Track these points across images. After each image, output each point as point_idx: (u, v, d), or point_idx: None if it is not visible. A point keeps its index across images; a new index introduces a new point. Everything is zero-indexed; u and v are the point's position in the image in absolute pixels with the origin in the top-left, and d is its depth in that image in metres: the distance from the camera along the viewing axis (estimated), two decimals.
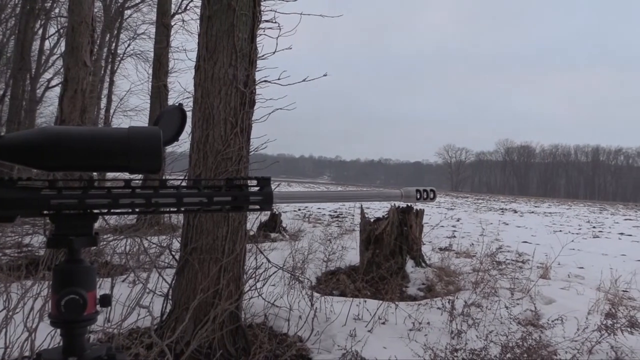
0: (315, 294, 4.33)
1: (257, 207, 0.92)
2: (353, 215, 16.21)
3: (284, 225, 10.20)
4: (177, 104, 0.99)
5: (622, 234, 17.21)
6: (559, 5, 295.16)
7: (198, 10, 3.60)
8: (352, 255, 6.65)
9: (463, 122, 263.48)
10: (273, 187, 0.97)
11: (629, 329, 3.62)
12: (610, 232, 17.78)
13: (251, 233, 7.64)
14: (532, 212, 29.57)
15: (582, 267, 8.47)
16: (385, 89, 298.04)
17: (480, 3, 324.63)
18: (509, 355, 3.03)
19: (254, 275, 3.74)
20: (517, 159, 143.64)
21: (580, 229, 18.44)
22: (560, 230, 16.76)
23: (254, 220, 4.77)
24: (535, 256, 7.87)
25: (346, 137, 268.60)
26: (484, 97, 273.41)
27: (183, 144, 3.76)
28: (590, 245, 12.70)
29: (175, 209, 0.89)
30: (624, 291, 5.99)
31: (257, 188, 0.93)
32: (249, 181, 0.94)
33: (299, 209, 18.51)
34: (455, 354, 3.11)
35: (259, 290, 3.76)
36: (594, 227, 19.42)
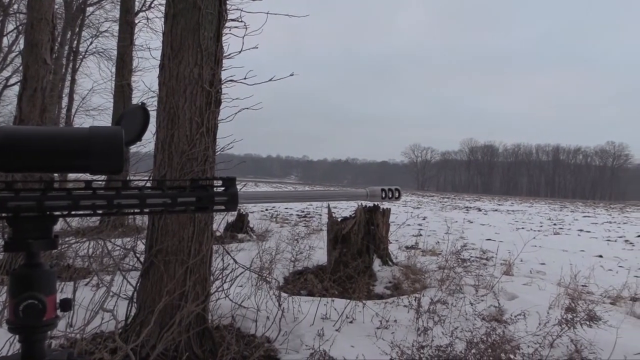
0: (283, 294, 4.32)
1: (222, 207, 0.92)
2: (320, 215, 16.25)
3: (251, 225, 10.14)
4: (139, 104, 0.97)
5: (581, 230, 17.74)
6: (527, 9, 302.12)
7: (162, 8, 3.56)
8: (319, 254, 6.67)
9: (430, 122, 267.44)
10: (239, 187, 0.96)
11: (587, 323, 3.73)
12: (570, 229, 18.30)
13: (218, 234, 7.58)
14: (496, 210, 30.21)
15: (543, 263, 8.70)
16: (356, 88, 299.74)
17: (453, 4, 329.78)
18: (473, 350, 3.08)
19: (220, 277, 3.71)
20: (481, 158, 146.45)
21: (541, 226, 18.92)
22: (523, 228, 17.16)
23: (221, 220, 4.74)
24: (499, 253, 8.04)
25: (314, 137, 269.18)
26: (451, 97, 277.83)
27: (148, 144, 3.70)
28: (551, 241, 13.05)
29: (139, 211, 0.87)
30: (583, 286, 6.17)
31: (222, 188, 0.92)
32: (214, 181, 0.93)
33: (266, 209, 18.43)
34: (422, 351, 3.14)
35: (226, 291, 3.73)
36: (554, 224, 19.96)
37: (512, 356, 3.10)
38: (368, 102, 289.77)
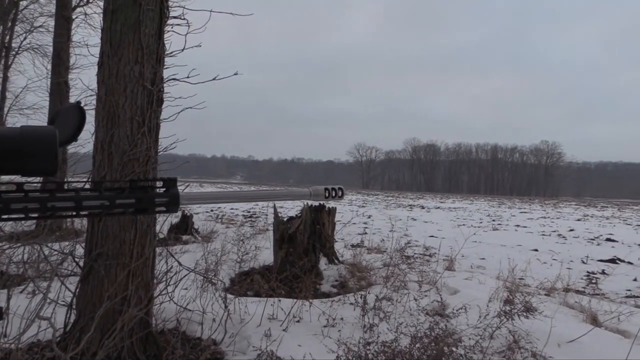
0: (229, 296, 4.28)
1: (163, 209, 0.89)
2: (266, 215, 16.17)
3: (196, 226, 9.98)
4: (75, 102, 0.93)
5: (518, 226, 18.49)
6: (471, 11, 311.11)
7: (101, 4, 3.43)
8: (266, 255, 6.64)
9: (374, 122, 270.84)
10: (181, 188, 0.94)
11: (524, 314, 3.89)
12: (508, 224, 19.04)
13: (161, 236, 7.40)
14: (438, 208, 31.00)
15: (483, 258, 9.01)
16: (304, 87, 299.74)
17: (400, 5, 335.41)
18: (418, 345, 3.15)
19: (164, 280, 3.63)
20: (423, 157, 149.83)
21: (481, 222, 19.59)
22: (464, 224, 17.71)
23: (164, 222, 4.63)
24: (441, 249, 8.26)
25: (260, 137, 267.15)
26: (396, 97, 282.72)
27: (87, 144, 3.57)
28: (490, 237, 13.53)
29: (75, 213, 0.84)
30: (520, 279, 6.44)
31: (163, 190, 0.90)
32: (154, 182, 0.91)
33: (212, 210, 18.18)
34: (368, 347, 3.19)
35: (170, 294, 3.66)
36: (493, 221, 20.71)
37: (454, 349, 3.19)
38: (315, 101, 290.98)
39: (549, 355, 3.61)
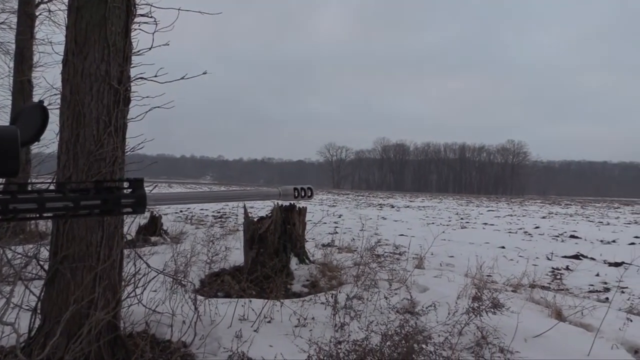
0: (199, 297, 4.24)
1: (130, 210, 0.88)
2: (237, 215, 16.07)
3: (164, 228, 9.85)
4: (37, 101, 0.91)
5: (485, 223, 18.82)
6: (442, 13, 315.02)
7: (66, 1, 3.35)
8: (236, 255, 6.59)
9: (345, 122, 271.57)
10: (149, 188, 0.93)
11: (492, 310, 3.97)
12: (476, 222, 19.37)
13: (129, 237, 7.28)
14: (408, 207, 31.31)
15: (452, 256, 9.14)
16: (275, 87, 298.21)
17: (371, 6, 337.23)
18: (388, 343, 3.18)
19: (132, 282, 3.57)
20: (393, 157, 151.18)
21: (450, 220, 19.86)
22: (433, 223, 17.93)
23: (131, 223, 4.55)
24: (411, 248, 8.36)
25: (230, 136, 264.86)
26: (366, 97, 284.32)
27: (51, 145, 3.49)
28: (459, 235, 13.73)
29: (37, 215, 0.82)
30: (488, 276, 6.55)
31: (129, 190, 0.89)
32: (121, 183, 0.89)
33: (181, 211, 17.96)
34: (339, 346, 3.20)
35: (138, 297, 3.60)
36: (462, 219, 21.02)
37: (424, 346, 3.23)
38: (286, 101, 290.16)
39: (516, 350, 3.68)
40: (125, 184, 0.89)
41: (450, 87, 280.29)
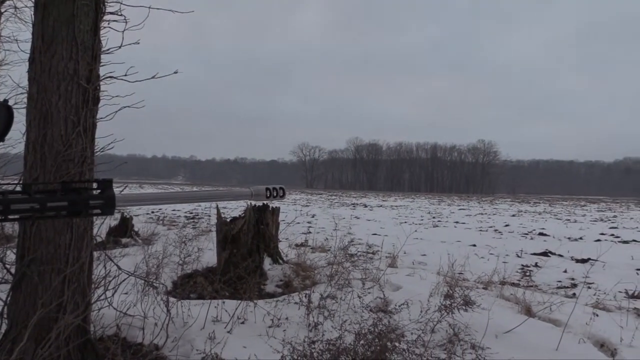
0: (172, 299, 4.18)
1: (99, 211, 0.86)
2: (209, 216, 15.93)
3: (136, 229, 9.71)
4: (1, 101, 0.89)
5: (457, 222, 19.08)
6: (417, 14, 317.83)
7: None
8: (209, 256, 6.54)
9: (318, 121, 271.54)
10: (118, 189, 0.91)
11: (464, 307, 4.03)
12: (448, 221, 19.62)
13: (99, 239, 7.16)
14: (381, 206, 31.53)
15: (424, 255, 9.24)
16: (250, 86, 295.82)
17: (350, 6, 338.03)
18: (362, 341, 3.20)
19: (102, 284, 3.51)
20: (366, 156, 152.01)
21: (422, 219, 20.07)
22: (406, 222, 18.09)
23: (101, 224, 4.45)
24: (384, 247, 8.40)
25: (203, 136, 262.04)
26: (341, 97, 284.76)
27: (17, 145, 3.40)
28: (431, 234, 13.89)
29: (2, 217, 0.80)
30: (459, 273, 6.64)
31: (98, 191, 0.87)
32: (89, 184, 0.87)
33: (152, 212, 17.73)
34: (313, 346, 3.20)
35: (109, 299, 3.54)
36: (433, 218, 21.27)
37: (397, 344, 3.25)
38: (260, 101, 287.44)
39: (487, 346, 3.75)
40: (94, 185, 0.88)
41: (424, 87, 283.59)
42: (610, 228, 18.17)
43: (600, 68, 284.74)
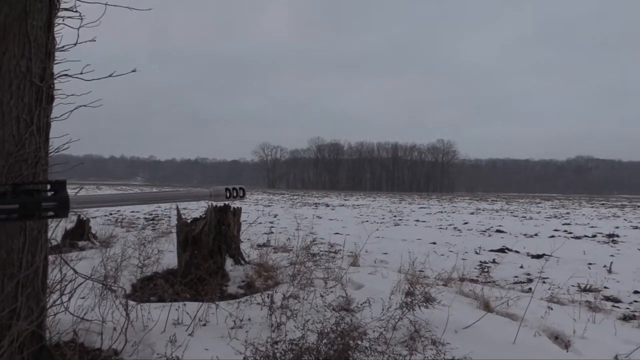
0: (131, 302, 4.10)
1: (52, 214, 0.83)
2: (170, 217, 15.68)
3: (93, 231, 9.47)
4: None
5: (417, 221, 19.37)
6: (381, 16, 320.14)
7: None
8: (169, 258, 6.43)
9: (280, 121, 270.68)
10: (74, 191, 0.89)
11: (424, 304, 4.10)
12: (408, 219, 19.89)
13: (54, 242, 6.94)
14: (343, 206, 31.70)
15: (386, 253, 9.35)
16: (213, 86, 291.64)
17: (315, 7, 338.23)
18: (325, 340, 3.21)
19: (58, 289, 3.40)
20: (328, 156, 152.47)
21: (383, 218, 20.29)
22: (367, 221, 18.25)
23: (55, 227, 4.29)
24: (346, 246, 8.46)
25: (163, 136, 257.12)
26: (304, 97, 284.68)
27: None
28: (392, 232, 14.07)
29: None
30: (420, 271, 6.74)
31: (51, 193, 0.84)
32: (42, 186, 0.84)
33: (110, 214, 17.33)
34: (276, 346, 3.20)
35: (65, 304, 3.44)
36: (395, 216, 21.54)
37: (359, 342, 3.28)
38: (222, 100, 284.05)
39: (447, 341, 3.82)
40: (48, 187, 0.85)
41: (386, 87, 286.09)
42: (564, 224, 18.81)
43: (556, 69, 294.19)
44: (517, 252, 10.32)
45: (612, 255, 9.94)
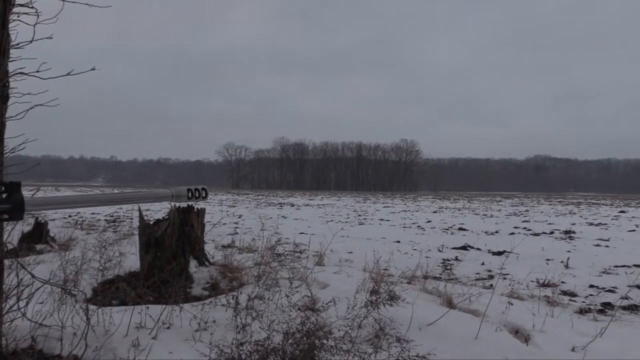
0: (92, 307, 4.00)
1: (5, 216, 0.81)
2: (132, 219, 15.38)
3: (52, 234, 9.20)
4: None
5: (382, 219, 19.55)
6: (351, 15, 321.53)
7: None
8: (131, 260, 6.31)
9: (246, 121, 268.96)
10: (30, 192, 0.86)
11: (389, 302, 4.14)
12: (373, 218, 20.06)
13: (10, 246, 6.72)
14: (308, 205, 31.73)
15: (351, 252, 9.40)
16: (178, 85, 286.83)
17: (282, 6, 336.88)
18: (290, 340, 3.20)
19: (15, 294, 3.30)
20: (292, 156, 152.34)
21: (348, 217, 20.40)
22: (332, 220, 18.31)
23: (12, 230, 4.15)
24: (311, 245, 8.47)
25: (124, 136, 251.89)
26: (270, 96, 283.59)
27: None
28: (357, 231, 14.15)
29: None
30: (384, 269, 6.81)
31: (4, 195, 0.81)
32: None
33: (70, 216, 16.89)
34: (241, 348, 3.18)
35: (22, 310, 3.33)
36: (359, 216, 21.68)
37: (325, 341, 3.29)
38: (188, 100, 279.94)
39: (411, 338, 3.87)
40: (2, 189, 0.82)
41: (351, 88, 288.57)
42: (523, 222, 19.31)
43: (518, 71, 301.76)
44: (478, 249, 10.53)
45: (568, 251, 10.25)
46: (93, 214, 18.58)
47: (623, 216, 23.90)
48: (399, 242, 11.64)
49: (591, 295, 6.26)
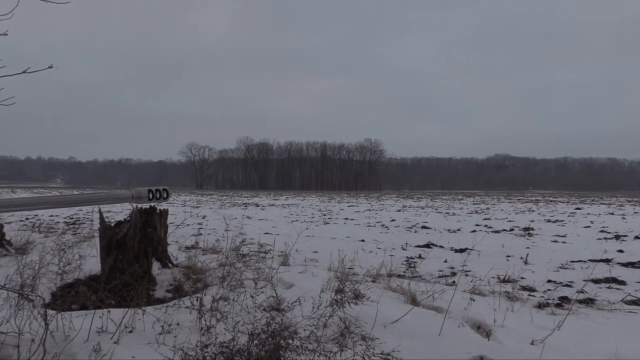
0: (50, 312, 3.89)
1: None
2: (92, 221, 15.04)
3: (7, 237, 8.90)
4: None
5: (346, 219, 19.68)
6: (320, 17, 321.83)
7: None
8: (92, 264, 6.16)
9: (211, 121, 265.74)
10: None
11: (354, 301, 4.17)
12: (338, 218, 20.17)
13: None
14: (272, 205, 31.66)
15: (316, 252, 9.42)
16: (143, 84, 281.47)
17: (254, 5, 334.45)
18: (255, 341, 3.20)
19: None
20: (257, 156, 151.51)
21: (313, 217, 20.45)
22: (297, 220, 18.33)
23: None
24: (276, 245, 8.45)
25: (83, 136, 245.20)
26: (235, 96, 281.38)
27: None
28: (322, 231, 14.21)
29: None
30: (349, 268, 6.86)
31: None
32: None
33: (27, 218, 16.38)
34: (206, 350, 3.15)
35: None
36: (324, 215, 21.77)
37: (290, 341, 3.30)
38: (151, 100, 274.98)
39: (376, 336, 3.91)
40: None
41: (320, 87, 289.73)
42: (484, 219, 19.74)
43: (479, 72, 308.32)
44: (441, 247, 10.71)
45: (527, 248, 10.55)
46: (51, 216, 18.07)
47: (579, 213, 24.73)
48: (363, 241, 11.74)
49: (549, 290, 6.45)
